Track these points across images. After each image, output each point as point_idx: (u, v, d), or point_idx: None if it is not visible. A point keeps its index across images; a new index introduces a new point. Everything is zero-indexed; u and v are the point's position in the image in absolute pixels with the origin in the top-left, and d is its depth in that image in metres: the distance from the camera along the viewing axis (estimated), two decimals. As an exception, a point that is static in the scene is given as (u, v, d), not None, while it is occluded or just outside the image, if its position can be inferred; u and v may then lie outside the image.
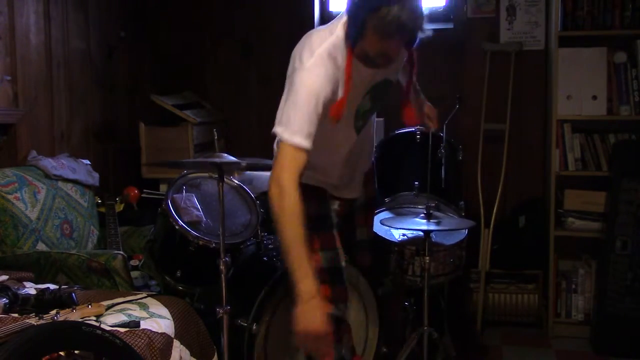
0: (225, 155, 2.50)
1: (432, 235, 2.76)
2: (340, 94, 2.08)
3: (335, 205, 2.45)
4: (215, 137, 2.67)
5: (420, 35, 2.00)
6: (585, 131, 3.67)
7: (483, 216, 3.81)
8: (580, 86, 3.61)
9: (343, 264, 2.40)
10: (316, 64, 2.03)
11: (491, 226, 3.80)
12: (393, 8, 1.91)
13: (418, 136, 3.16)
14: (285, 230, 1.92)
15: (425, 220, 2.76)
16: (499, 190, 3.83)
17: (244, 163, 2.44)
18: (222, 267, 2.36)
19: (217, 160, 2.38)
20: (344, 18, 2.08)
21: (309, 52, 2.06)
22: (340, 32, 2.08)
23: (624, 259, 3.44)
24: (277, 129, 2.02)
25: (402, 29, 1.95)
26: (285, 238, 1.92)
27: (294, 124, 1.99)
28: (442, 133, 3.05)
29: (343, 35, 2.07)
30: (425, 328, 2.72)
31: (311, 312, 1.89)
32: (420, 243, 2.78)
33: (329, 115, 2.05)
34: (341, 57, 2.06)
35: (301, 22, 4.24)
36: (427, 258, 2.70)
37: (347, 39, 2.05)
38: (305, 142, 1.98)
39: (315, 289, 1.90)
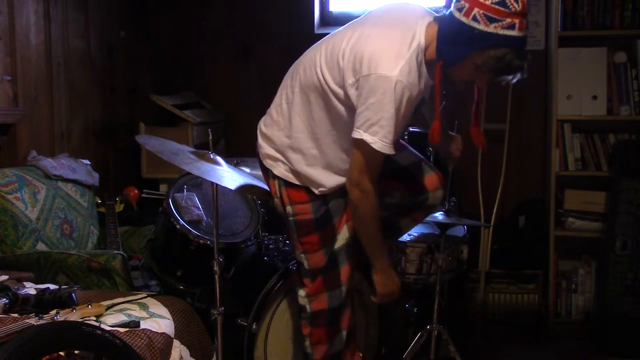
0: (211, 153, 2.49)
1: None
2: (417, 99, 2.10)
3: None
4: (210, 137, 2.66)
5: (517, 78, 2.04)
6: (585, 131, 3.67)
7: (483, 216, 3.81)
8: (580, 86, 3.61)
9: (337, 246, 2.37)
10: (404, 72, 2.01)
11: (491, 226, 3.80)
12: (508, 51, 1.97)
13: (406, 136, 3.15)
14: (367, 228, 2.24)
15: (442, 217, 2.77)
16: (499, 190, 3.83)
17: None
18: (215, 268, 2.36)
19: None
20: (425, 24, 2.07)
21: (395, 56, 2.02)
22: (422, 40, 2.06)
23: (624, 259, 3.44)
24: (365, 136, 2.03)
25: (507, 71, 2.01)
26: (368, 234, 2.25)
27: (383, 130, 2.02)
28: None
29: (424, 44, 2.06)
30: (435, 325, 2.75)
31: (388, 278, 2.36)
32: (433, 240, 2.79)
33: (430, 141, 2.18)
34: (422, 66, 2.07)
35: (301, 23, 4.24)
36: (442, 255, 2.73)
37: (440, 57, 2.05)
38: (392, 149, 2.06)
39: (388, 262, 2.37)
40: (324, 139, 2.22)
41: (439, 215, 2.79)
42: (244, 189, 2.50)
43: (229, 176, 2.40)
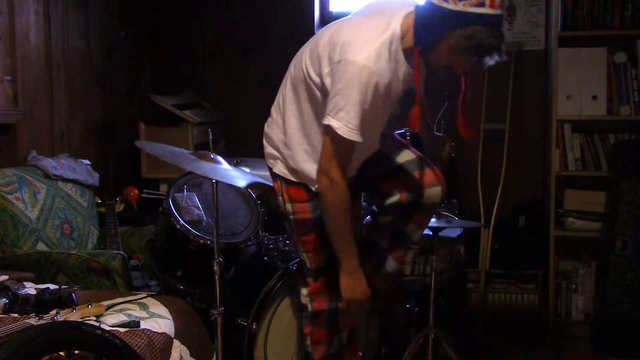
0: (212, 154, 2.49)
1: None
2: (394, 89, 2.09)
3: None
4: (210, 137, 2.66)
5: (494, 59, 1.99)
6: (585, 131, 3.67)
7: (483, 216, 3.81)
8: (580, 86, 3.61)
9: None
10: (372, 57, 2.01)
11: (491, 226, 3.80)
12: (479, 29, 1.92)
13: (408, 136, 3.14)
14: (335, 219, 2.16)
15: (434, 219, 2.76)
16: (499, 190, 3.83)
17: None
18: (215, 268, 2.36)
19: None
20: (403, 14, 2.07)
21: (365, 43, 2.03)
22: (397, 28, 2.06)
23: (624, 259, 3.44)
24: (332, 122, 2.03)
25: (481, 51, 1.96)
26: (335, 226, 2.18)
27: (348, 116, 2.01)
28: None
29: (400, 32, 2.06)
30: (432, 327, 2.74)
31: (355, 282, 2.24)
32: (426, 242, 2.79)
33: (409, 125, 2.14)
34: (399, 54, 2.06)
35: (301, 22, 4.24)
36: (435, 257, 2.71)
37: (417, 42, 2.04)
38: (358, 136, 2.04)
39: (357, 264, 2.22)
40: (313, 134, 2.23)
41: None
42: (249, 185, 2.52)
43: (233, 174, 2.41)
